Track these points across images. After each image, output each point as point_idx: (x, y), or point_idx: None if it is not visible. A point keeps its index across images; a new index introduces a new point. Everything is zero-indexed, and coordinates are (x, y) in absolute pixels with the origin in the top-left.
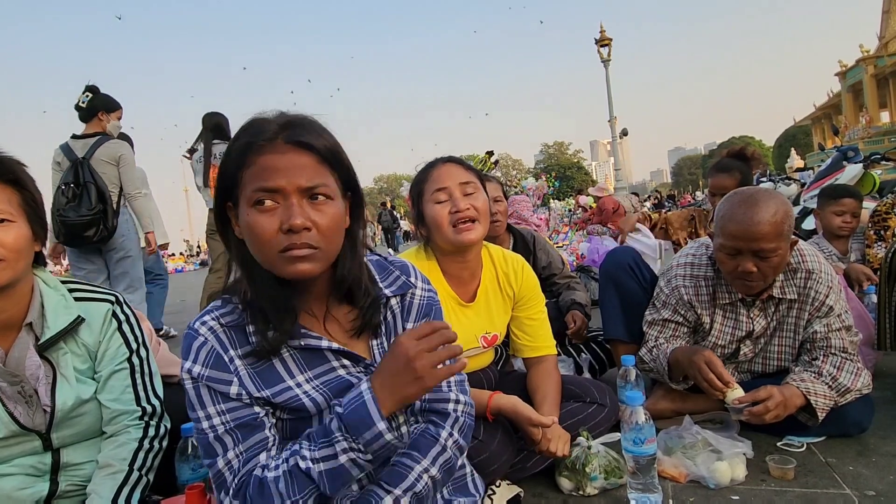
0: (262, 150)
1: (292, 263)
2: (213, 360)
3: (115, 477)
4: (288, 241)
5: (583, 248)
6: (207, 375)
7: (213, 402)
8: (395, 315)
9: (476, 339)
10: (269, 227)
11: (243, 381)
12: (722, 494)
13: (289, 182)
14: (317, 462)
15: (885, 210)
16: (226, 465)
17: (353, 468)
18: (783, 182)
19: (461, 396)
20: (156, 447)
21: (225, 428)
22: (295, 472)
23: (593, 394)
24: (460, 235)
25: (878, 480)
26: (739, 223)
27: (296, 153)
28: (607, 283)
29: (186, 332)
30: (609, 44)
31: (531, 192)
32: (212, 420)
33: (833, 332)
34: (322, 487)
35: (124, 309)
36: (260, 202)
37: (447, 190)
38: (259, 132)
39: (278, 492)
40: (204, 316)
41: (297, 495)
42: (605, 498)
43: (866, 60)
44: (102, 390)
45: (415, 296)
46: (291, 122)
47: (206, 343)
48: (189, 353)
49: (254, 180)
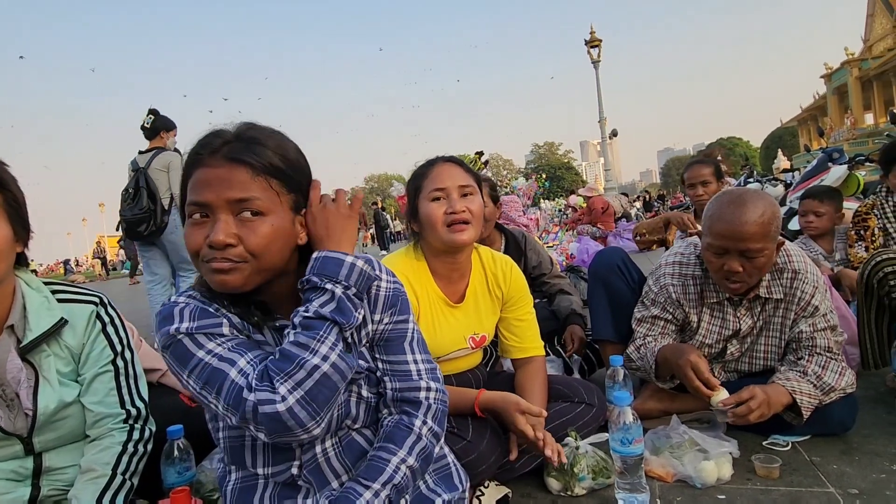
0: (200, 164)
1: (214, 275)
2: (198, 313)
3: (98, 482)
4: (210, 255)
5: (573, 248)
6: (197, 326)
7: (210, 339)
8: None
9: (464, 340)
10: (197, 239)
11: (232, 321)
12: (708, 494)
13: (217, 196)
14: (322, 305)
15: (865, 211)
16: (239, 373)
17: (349, 302)
18: (770, 183)
19: (432, 384)
20: (140, 451)
21: (229, 347)
22: (307, 322)
23: (581, 394)
24: (453, 235)
25: (861, 479)
26: (727, 223)
27: (229, 167)
28: (596, 283)
29: (164, 307)
30: (599, 45)
31: (521, 192)
32: (214, 350)
33: (818, 331)
34: (339, 319)
35: (108, 310)
36: (192, 215)
37: (445, 191)
38: (205, 145)
39: (299, 344)
40: (179, 295)
41: (322, 333)
42: (593, 498)
43: (851, 63)
44: (86, 393)
45: (380, 288)
46: (240, 135)
47: (188, 304)
48: (173, 318)
49: (189, 193)
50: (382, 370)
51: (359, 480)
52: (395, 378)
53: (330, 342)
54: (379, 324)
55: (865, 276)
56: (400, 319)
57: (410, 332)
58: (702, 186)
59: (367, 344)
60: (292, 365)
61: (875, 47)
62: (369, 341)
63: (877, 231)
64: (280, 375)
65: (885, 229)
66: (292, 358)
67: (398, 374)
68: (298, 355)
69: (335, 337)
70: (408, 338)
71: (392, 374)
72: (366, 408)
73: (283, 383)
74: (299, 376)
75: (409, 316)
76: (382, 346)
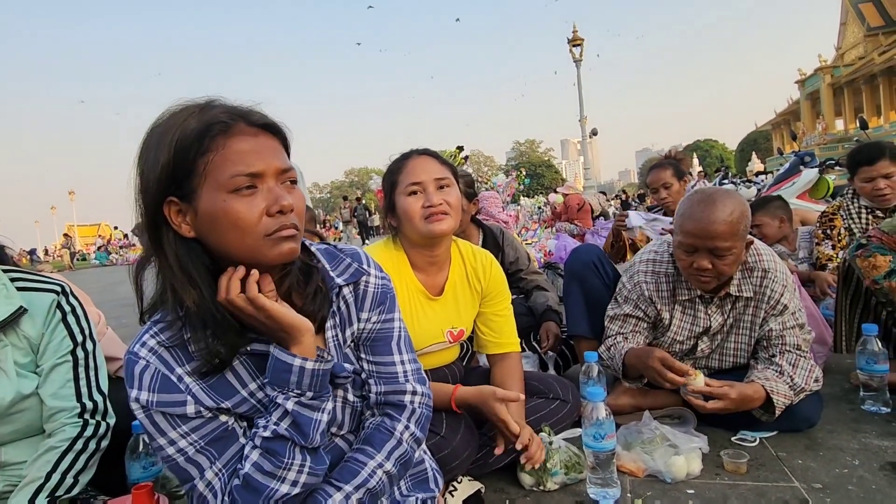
0: (231, 133)
1: (280, 244)
2: (159, 384)
3: (30, 487)
4: (277, 224)
5: (550, 244)
6: (157, 401)
7: (173, 427)
8: (349, 304)
9: (442, 334)
10: (253, 211)
11: (197, 396)
12: (678, 488)
13: (267, 165)
14: (277, 423)
15: (832, 211)
16: (206, 487)
17: (305, 410)
18: (744, 184)
19: (418, 387)
20: (91, 447)
21: (196, 448)
22: (266, 445)
23: (556, 390)
24: (431, 226)
25: (825, 473)
26: (697, 221)
27: (264, 135)
28: (572, 280)
29: (127, 358)
30: (581, 44)
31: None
32: (177, 444)
33: (788, 329)
34: (297, 440)
35: (70, 299)
36: (241, 188)
37: (422, 184)
38: (214, 115)
39: (266, 473)
40: (143, 336)
41: (286, 459)
42: (565, 493)
43: (824, 70)
44: (43, 384)
45: (368, 283)
46: (238, 107)
47: (148, 366)
48: (133, 380)
49: (228, 165)
50: (368, 372)
51: (330, 482)
52: (380, 381)
53: (297, 466)
54: (366, 322)
55: (847, 261)
56: (387, 318)
57: (397, 331)
58: (664, 189)
59: (352, 344)
60: (261, 498)
61: (847, 55)
62: (354, 340)
63: (843, 231)
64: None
65: (850, 229)
66: (260, 490)
67: (384, 377)
68: (266, 486)
69: (301, 456)
70: (395, 337)
71: (378, 377)
72: (352, 412)
73: None
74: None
75: (396, 314)
76: (369, 346)
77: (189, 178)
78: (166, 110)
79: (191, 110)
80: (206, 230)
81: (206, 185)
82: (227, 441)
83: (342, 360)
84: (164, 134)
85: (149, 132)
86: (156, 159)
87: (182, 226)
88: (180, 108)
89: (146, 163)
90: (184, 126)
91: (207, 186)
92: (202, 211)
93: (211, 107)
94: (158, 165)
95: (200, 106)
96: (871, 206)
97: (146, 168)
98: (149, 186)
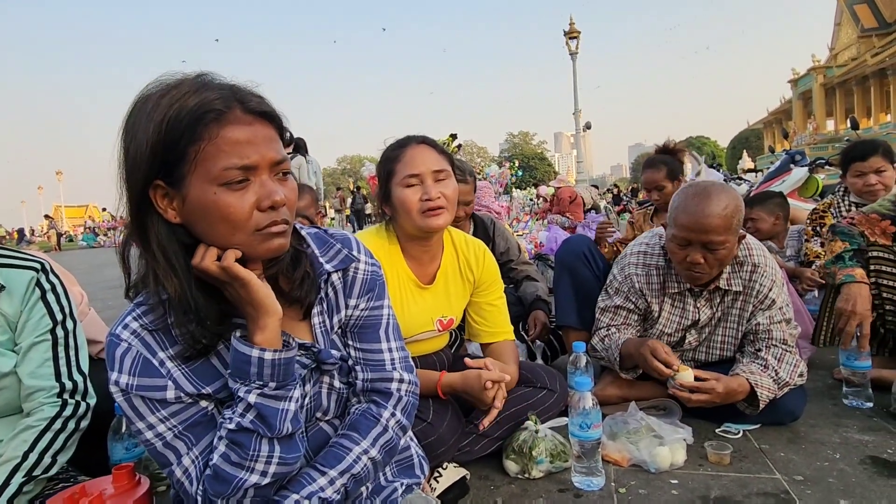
0: (225, 121)
1: (270, 240)
2: (140, 367)
3: (6, 466)
4: (269, 219)
5: (542, 236)
6: (137, 385)
7: (153, 411)
8: (337, 291)
9: (432, 323)
10: (244, 206)
11: (178, 382)
12: (662, 478)
13: (262, 157)
14: (242, 416)
15: (823, 209)
16: (183, 473)
17: (270, 402)
18: (734, 182)
19: (405, 375)
20: (70, 427)
21: (174, 433)
22: (233, 436)
23: (544, 379)
24: (428, 221)
25: (806, 466)
26: (691, 215)
27: (261, 124)
28: (562, 270)
29: (108, 339)
30: (578, 36)
31: (494, 179)
32: (156, 429)
33: (775, 324)
34: (263, 431)
35: (50, 277)
36: (232, 182)
37: (420, 177)
38: (208, 101)
39: (233, 463)
40: (126, 318)
41: (252, 451)
42: (549, 481)
43: (817, 70)
44: (21, 363)
45: (358, 270)
46: (234, 88)
47: (130, 349)
48: (114, 363)
49: (221, 157)
50: (355, 358)
51: (315, 466)
52: (367, 368)
53: (264, 457)
54: (354, 309)
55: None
56: (376, 305)
57: (386, 318)
58: (657, 192)
59: (340, 330)
60: (230, 488)
61: (840, 56)
62: (342, 327)
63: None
64: (221, 498)
65: None
66: (229, 480)
67: (371, 364)
68: (235, 476)
69: (269, 447)
70: (383, 324)
71: (365, 364)
72: (337, 398)
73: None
74: (239, 496)
75: (385, 301)
76: (357, 333)
77: (178, 164)
78: (156, 81)
79: (183, 89)
80: (194, 219)
81: (195, 174)
82: (206, 427)
83: (329, 346)
84: (154, 111)
85: (137, 105)
86: (144, 139)
87: (168, 210)
88: (172, 84)
89: (133, 140)
90: (177, 107)
91: (197, 176)
92: (190, 200)
93: (206, 86)
94: (146, 146)
95: (195, 85)
96: (861, 203)
97: (132, 146)
98: (135, 166)
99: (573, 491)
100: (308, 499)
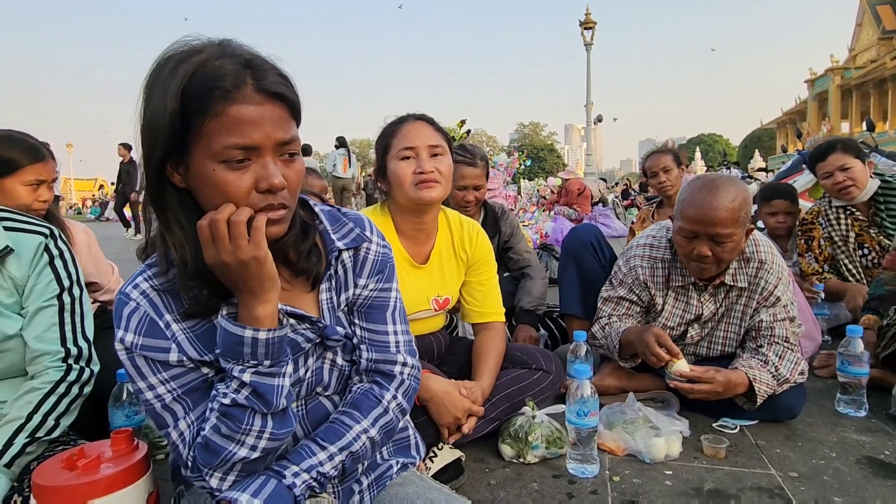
0: (232, 99)
1: (267, 226)
2: (146, 328)
3: (9, 426)
4: (265, 202)
5: (547, 227)
6: (141, 344)
7: (154, 372)
8: (347, 269)
9: (427, 301)
10: (241, 186)
11: (182, 346)
12: (656, 469)
13: (266, 138)
14: (237, 391)
15: (811, 220)
16: (179, 436)
17: (265, 379)
18: (745, 180)
19: (409, 359)
20: (73, 392)
21: (172, 395)
22: (225, 410)
23: (539, 361)
24: (420, 193)
25: (801, 463)
26: (698, 207)
27: (270, 104)
28: (568, 259)
29: (117, 298)
30: (593, 27)
31: (502, 167)
32: (156, 390)
33: (778, 321)
34: (258, 408)
35: (59, 244)
36: (232, 160)
37: (415, 150)
38: (220, 75)
39: (223, 436)
40: (136, 278)
41: (245, 425)
42: (544, 466)
43: (834, 71)
44: (27, 326)
45: (369, 251)
46: (253, 62)
47: (137, 308)
48: (120, 321)
49: (223, 134)
50: (360, 337)
51: (316, 440)
52: (372, 348)
53: (255, 431)
54: (363, 289)
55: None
56: (385, 287)
57: (393, 301)
58: (664, 173)
59: (346, 308)
60: (219, 459)
61: (859, 57)
62: (349, 305)
63: (822, 242)
64: (208, 468)
65: (830, 238)
66: (218, 452)
67: (376, 345)
68: (224, 448)
69: (262, 422)
70: (390, 307)
71: (370, 344)
72: (339, 375)
73: (213, 474)
74: (227, 468)
75: (393, 283)
76: (363, 312)
77: (186, 134)
78: (181, 41)
79: (202, 58)
80: (195, 188)
81: (198, 147)
82: (204, 393)
83: (335, 323)
84: (170, 79)
85: (158, 67)
86: (161, 105)
87: (174, 174)
88: (189, 51)
89: (148, 106)
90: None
91: (200, 149)
92: (193, 171)
93: (223, 56)
94: (166, 114)
95: (213, 54)
96: (846, 206)
97: (148, 111)
98: (151, 129)
99: (567, 477)
100: (307, 472)
